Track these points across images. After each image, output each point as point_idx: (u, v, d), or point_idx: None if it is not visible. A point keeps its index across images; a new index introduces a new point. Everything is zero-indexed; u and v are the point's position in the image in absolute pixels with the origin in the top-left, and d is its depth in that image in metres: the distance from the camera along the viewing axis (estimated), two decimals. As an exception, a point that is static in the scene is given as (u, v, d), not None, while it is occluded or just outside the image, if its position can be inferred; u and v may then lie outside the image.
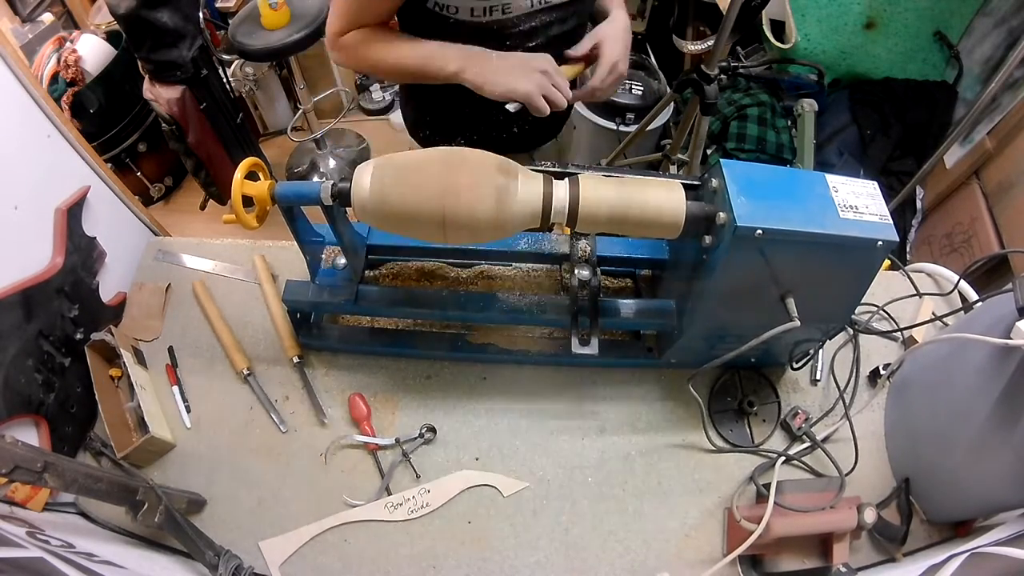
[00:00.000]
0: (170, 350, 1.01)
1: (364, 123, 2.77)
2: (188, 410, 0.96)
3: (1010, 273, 1.42)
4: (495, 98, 0.87)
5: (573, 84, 0.96)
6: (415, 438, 0.92)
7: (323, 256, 0.96)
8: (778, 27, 2.08)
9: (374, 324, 1.01)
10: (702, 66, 1.36)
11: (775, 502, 0.81)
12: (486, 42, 0.89)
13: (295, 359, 0.98)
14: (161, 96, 1.79)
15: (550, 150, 1.26)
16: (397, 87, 2.60)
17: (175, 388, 0.97)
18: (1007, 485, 0.76)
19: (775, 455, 0.91)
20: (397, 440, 0.91)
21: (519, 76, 0.86)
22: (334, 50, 0.94)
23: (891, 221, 0.71)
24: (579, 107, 2.05)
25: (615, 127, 1.98)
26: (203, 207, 2.28)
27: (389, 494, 0.88)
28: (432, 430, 0.92)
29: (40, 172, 0.92)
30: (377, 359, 1.00)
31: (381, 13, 0.90)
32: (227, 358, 0.99)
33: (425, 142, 1.18)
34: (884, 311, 1.07)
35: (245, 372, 0.97)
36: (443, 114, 1.10)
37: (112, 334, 0.95)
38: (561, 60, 0.96)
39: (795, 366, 0.98)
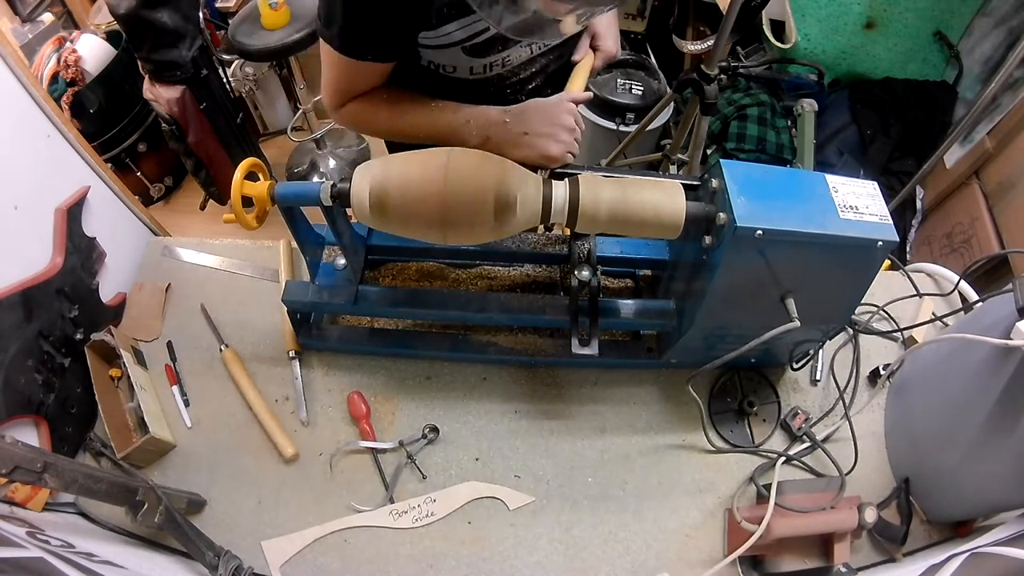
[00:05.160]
0: (169, 345, 1.01)
1: (364, 123, 2.77)
2: (187, 404, 0.96)
3: (1010, 273, 1.42)
4: (527, 163, 0.79)
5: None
6: (418, 439, 0.92)
7: (323, 256, 0.96)
8: (778, 27, 2.08)
9: (374, 324, 1.01)
10: (702, 66, 1.36)
11: (775, 502, 0.81)
12: (486, 92, 0.87)
13: (291, 353, 0.98)
14: (161, 96, 1.79)
15: None
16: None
17: (175, 388, 0.97)
18: (1007, 485, 0.76)
19: (775, 455, 0.91)
20: (400, 443, 0.91)
21: (549, 141, 0.82)
22: (336, 119, 0.88)
23: (891, 221, 0.71)
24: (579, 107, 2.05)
25: (615, 127, 1.97)
26: (203, 207, 2.28)
27: (392, 502, 0.88)
28: (435, 430, 0.92)
29: (40, 172, 0.92)
30: (377, 359, 1.00)
31: (377, 80, 0.83)
32: (269, 441, 0.92)
33: (394, 147, 1.16)
34: (884, 311, 1.07)
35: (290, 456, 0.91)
36: None
37: (112, 334, 0.94)
38: (567, 66, 0.95)
39: (795, 366, 0.98)
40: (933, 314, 1.04)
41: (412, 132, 0.85)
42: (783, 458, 0.90)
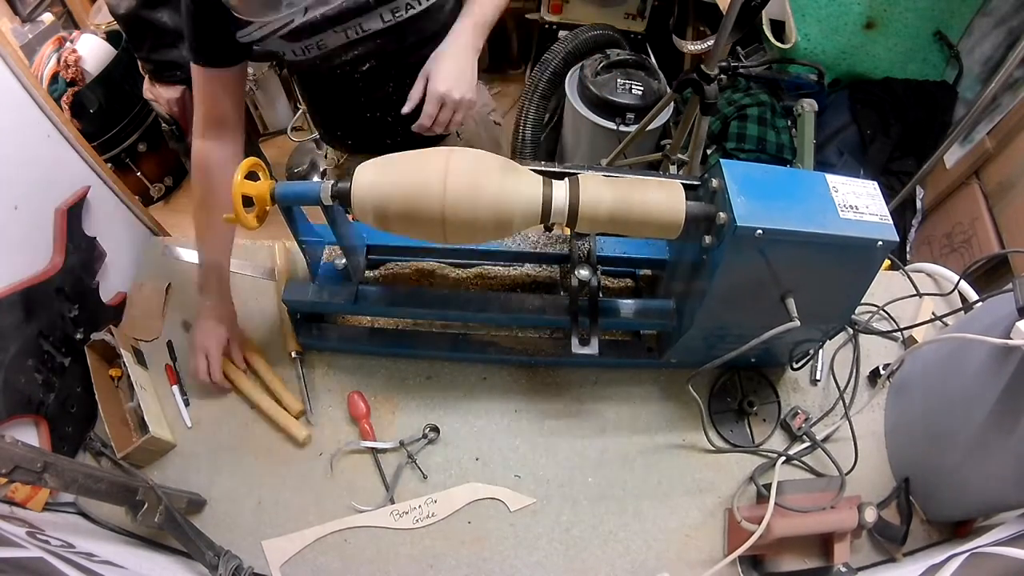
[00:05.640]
0: (169, 345, 1.01)
1: (364, 123, 2.77)
2: (187, 404, 0.96)
3: (1010, 273, 1.42)
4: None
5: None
6: (419, 439, 0.92)
7: (323, 256, 0.96)
8: (778, 27, 2.08)
9: (374, 324, 1.01)
10: (702, 66, 1.36)
11: (775, 502, 0.81)
12: (319, 73, 0.95)
13: (293, 354, 0.98)
14: (161, 96, 1.79)
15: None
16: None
17: (175, 388, 0.97)
18: (1007, 485, 0.76)
19: (775, 455, 0.91)
20: (401, 443, 0.91)
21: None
22: (195, 160, 0.90)
23: (891, 221, 0.71)
24: (579, 107, 2.05)
25: (615, 127, 1.97)
26: (203, 207, 2.27)
27: (393, 502, 0.88)
28: (435, 430, 0.92)
29: (40, 172, 0.92)
30: (377, 359, 1.00)
31: (231, 91, 0.89)
32: (271, 438, 0.94)
33: (345, 148, 1.20)
34: (884, 311, 1.07)
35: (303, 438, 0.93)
36: (347, 123, 1.12)
37: (112, 334, 0.95)
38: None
39: (795, 366, 0.98)
40: (933, 314, 1.04)
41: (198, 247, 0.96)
42: (783, 458, 0.90)
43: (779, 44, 2.06)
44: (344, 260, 0.92)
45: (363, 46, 0.92)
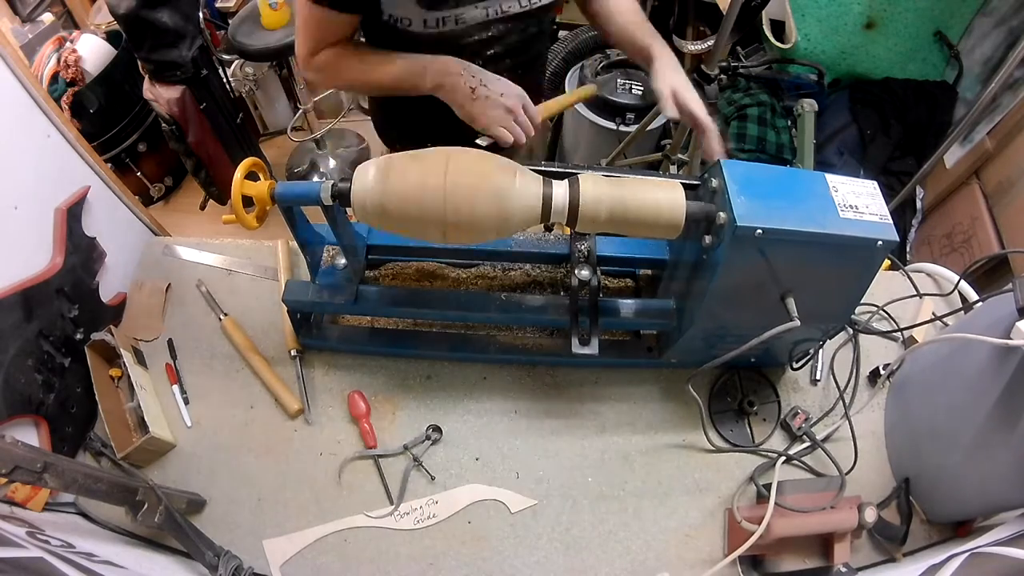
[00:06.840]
0: (169, 344, 1.01)
1: (364, 123, 2.77)
2: (187, 403, 0.96)
3: (1010, 273, 1.42)
4: (466, 120, 0.88)
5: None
6: (422, 440, 0.92)
7: (323, 256, 0.96)
8: (778, 27, 2.08)
9: (374, 324, 1.01)
10: (702, 66, 1.36)
11: (775, 502, 0.81)
12: (442, 52, 0.90)
13: (292, 353, 0.98)
14: (161, 96, 1.79)
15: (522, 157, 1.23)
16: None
17: (175, 387, 0.97)
18: (1007, 485, 0.76)
19: (775, 455, 0.91)
20: (405, 447, 0.91)
21: (483, 108, 0.87)
22: (308, 71, 0.93)
23: (891, 221, 0.71)
24: (579, 107, 2.05)
25: (615, 127, 1.98)
26: (203, 207, 2.28)
27: (392, 503, 0.88)
28: (438, 430, 0.92)
29: (40, 172, 0.92)
30: (377, 359, 1.00)
31: (344, 31, 0.90)
32: (276, 402, 0.96)
33: (393, 146, 1.19)
34: (884, 311, 1.07)
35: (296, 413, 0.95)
36: (409, 122, 1.10)
37: (112, 334, 0.94)
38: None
39: (795, 366, 0.98)
40: (933, 314, 1.04)
41: (377, 79, 0.91)
42: (783, 458, 0.90)
43: (779, 44, 2.06)
44: (344, 260, 0.92)
45: (496, 28, 0.92)
